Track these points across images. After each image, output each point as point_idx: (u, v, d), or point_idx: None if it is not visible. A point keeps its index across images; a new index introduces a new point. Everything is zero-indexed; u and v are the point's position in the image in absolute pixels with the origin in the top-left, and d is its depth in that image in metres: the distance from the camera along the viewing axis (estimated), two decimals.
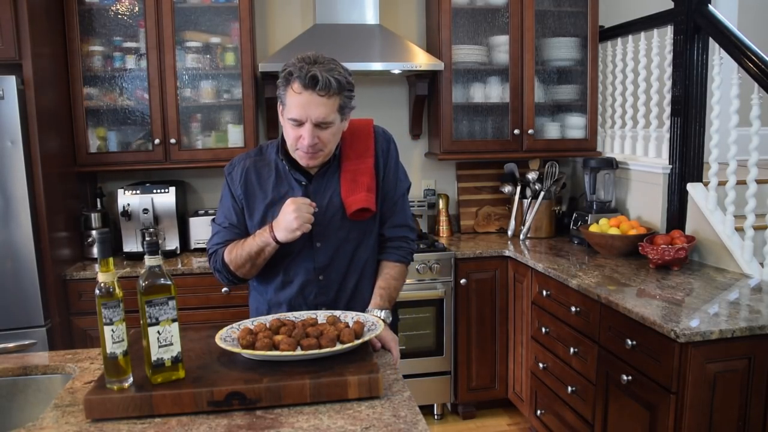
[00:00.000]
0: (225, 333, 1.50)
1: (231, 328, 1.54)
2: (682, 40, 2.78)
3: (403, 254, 1.81)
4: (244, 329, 1.49)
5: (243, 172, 1.72)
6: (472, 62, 3.44)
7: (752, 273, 2.48)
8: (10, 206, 2.59)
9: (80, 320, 2.89)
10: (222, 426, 1.25)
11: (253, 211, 1.72)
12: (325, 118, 1.54)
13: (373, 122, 1.79)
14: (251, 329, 1.49)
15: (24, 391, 1.62)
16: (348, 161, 1.70)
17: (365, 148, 1.71)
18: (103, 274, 1.30)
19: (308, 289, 1.73)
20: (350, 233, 1.72)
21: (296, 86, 1.52)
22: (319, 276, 1.73)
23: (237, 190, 1.72)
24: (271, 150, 1.75)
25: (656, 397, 2.02)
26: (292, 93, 1.54)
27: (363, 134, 1.74)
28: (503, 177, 3.64)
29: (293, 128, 1.57)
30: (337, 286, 1.75)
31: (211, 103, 3.25)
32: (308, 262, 1.71)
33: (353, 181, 1.68)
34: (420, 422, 1.26)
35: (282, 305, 1.76)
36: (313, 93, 1.51)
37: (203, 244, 3.22)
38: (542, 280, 2.83)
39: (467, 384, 3.27)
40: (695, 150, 2.81)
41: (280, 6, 3.52)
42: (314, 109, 1.52)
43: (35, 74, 2.63)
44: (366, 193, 1.66)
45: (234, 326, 1.55)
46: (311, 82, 1.50)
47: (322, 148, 1.59)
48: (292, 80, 1.53)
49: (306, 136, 1.55)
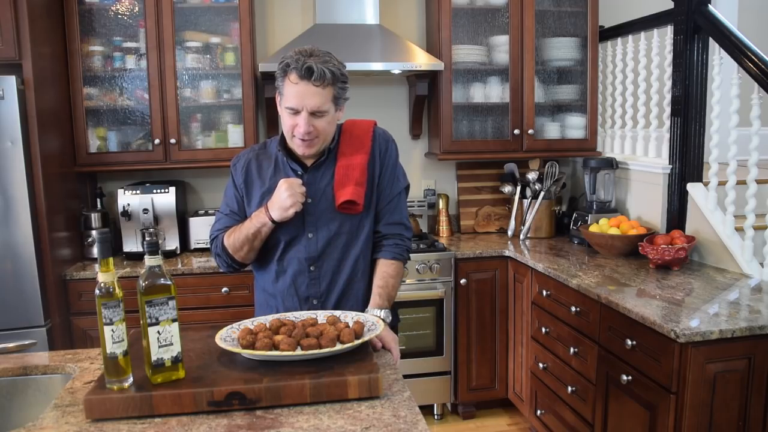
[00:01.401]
0: (225, 333, 1.50)
1: (231, 328, 1.54)
2: (682, 40, 2.78)
3: (399, 251, 1.82)
4: (244, 329, 1.49)
5: (246, 164, 1.82)
6: (472, 62, 3.44)
7: (752, 273, 2.48)
8: (10, 206, 2.59)
9: (80, 320, 2.89)
10: (222, 426, 1.25)
11: (251, 199, 1.80)
12: (320, 107, 1.63)
13: (376, 123, 1.85)
14: (251, 329, 1.50)
15: (24, 391, 1.62)
16: (343, 157, 1.77)
17: (361, 144, 1.78)
18: (103, 274, 1.30)
19: (300, 279, 1.77)
20: (342, 226, 1.76)
21: (293, 77, 1.62)
22: (310, 266, 1.77)
23: (238, 179, 1.81)
24: (273, 144, 1.84)
25: (656, 397, 2.02)
26: (289, 83, 1.63)
27: (362, 132, 1.80)
28: (503, 177, 3.64)
29: (290, 117, 1.66)
30: (329, 278, 1.78)
31: (211, 103, 3.25)
32: (301, 252, 1.76)
33: (345, 175, 1.74)
34: (420, 422, 1.26)
35: (276, 296, 1.80)
36: (309, 83, 1.61)
37: (203, 244, 3.23)
38: (542, 280, 2.83)
39: (467, 384, 3.27)
40: (695, 150, 2.81)
41: (280, 6, 3.52)
42: (309, 99, 1.62)
43: (35, 74, 2.64)
44: (354, 187, 1.72)
45: (234, 326, 1.55)
46: (307, 73, 1.60)
47: (317, 135, 1.67)
48: (289, 71, 1.62)
49: (302, 124, 1.64)
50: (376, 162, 1.79)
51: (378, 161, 1.79)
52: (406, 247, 1.85)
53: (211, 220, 3.16)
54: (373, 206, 1.80)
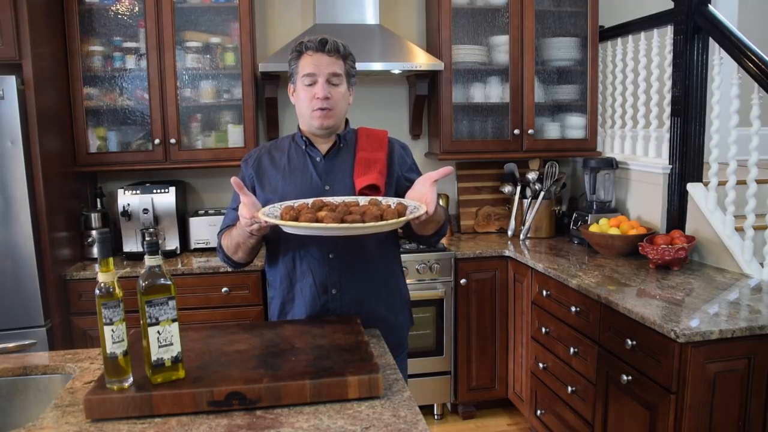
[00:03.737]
0: (268, 210, 1.53)
1: (273, 207, 1.58)
2: (682, 40, 2.78)
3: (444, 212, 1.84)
4: (285, 207, 1.52)
5: (257, 157, 1.88)
6: (472, 62, 3.44)
7: (752, 273, 2.48)
8: (10, 206, 2.59)
9: (80, 320, 2.89)
10: (222, 426, 1.25)
11: (264, 183, 1.82)
12: (336, 72, 1.74)
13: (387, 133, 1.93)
14: (293, 206, 1.52)
15: (24, 391, 1.62)
16: (362, 151, 1.83)
17: (379, 145, 1.85)
18: (103, 274, 1.30)
19: (318, 269, 1.78)
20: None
21: (309, 51, 1.74)
22: (329, 254, 1.78)
23: (249, 171, 1.85)
24: (285, 140, 1.90)
25: (656, 397, 2.02)
26: (305, 57, 1.75)
27: (378, 136, 1.88)
28: (503, 177, 3.64)
29: (307, 89, 1.75)
30: (348, 268, 1.79)
31: (211, 103, 3.25)
32: (319, 239, 1.77)
33: (366, 165, 1.80)
34: (420, 422, 1.26)
35: (294, 285, 1.82)
36: (323, 54, 1.73)
37: (203, 244, 3.23)
38: (542, 280, 2.83)
39: (467, 384, 3.27)
40: (695, 150, 2.81)
41: (280, 6, 3.52)
42: (326, 66, 1.73)
43: (35, 74, 2.64)
44: (377, 175, 1.77)
45: (276, 205, 1.59)
46: (321, 45, 1.73)
47: (333, 106, 1.75)
48: (304, 48, 1.75)
49: (320, 89, 1.72)
50: (394, 162, 1.85)
51: (397, 161, 1.85)
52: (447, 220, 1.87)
53: (211, 220, 3.22)
54: None
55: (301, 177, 1.80)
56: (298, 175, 1.80)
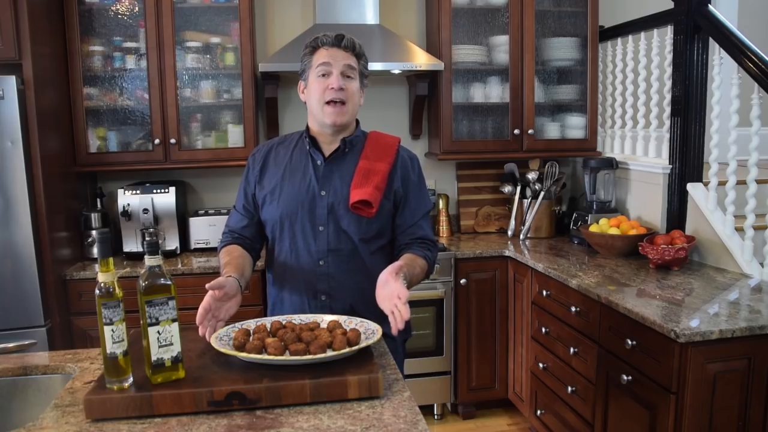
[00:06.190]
0: (224, 332, 1.51)
1: (232, 327, 1.55)
2: (682, 40, 2.78)
3: (428, 254, 1.79)
4: (240, 330, 1.50)
5: (266, 152, 1.87)
6: (472, 62, 3.44)
7: (752, 273, 2.48)
8: (10, 206, 2.59)
9: (80, 320, 2.89)
10: (222, 426, 1.25)
11: (264, 182, 1.82)
12: (351, 65, 1.73)
13: (400, 140, 1.89)
14: (250, 330, 1.50)
15: (24, 391, 1.62)
16: (366, 160, 1.78)
17: (386, 154, 1.80)
18: (103, 274, 1.29)
19: (309, 274, 1.77)
20: (350, 226, 1.75)
21: (324, 46, 1.73)
22: (320, 261, 1.76)
23: (255, 167, 1.85)
24: (295, 135, 1.88)
25: (656, 397, 2.02)
26: (320, 51, 1.73)
27: (387, 144, 1.83)
28: (503, 177, 3.64)
29: (320, 80, 1.72)
30: (338, 276, 1.77)
31: (211, 103, 3.25)
32: (311, 245, 1.76)
33: (365, 176, 1.75)
34: (420, 422, 1.26)
35: (285, 291, 1.82)
36: (339, 49, 1.73)
37: (203, 244, 3.23)
38: (542, 280, 2.83)
39: (467, 384, 3.27)
40: (695, 150, 2.81)
41: (280, 6, 3.52)
42: (341, 59, 1.72)
43: (35, 74, 2.64)
44: (372, 189, 1.72)
45: (236, 325, 1.56)
46: (337, 40, 1.72)
47: (347, 100, 1.72)
48: (320, 43, 1.74)
49: (334, 80, 1.70)
50: (397, 174, 1.80)
51: (399, 174, 1.81)
52: (433, 257, 1.82)
53: (211, 220, 3.23)
54: (386, 216, 1.78)
55: (299, 179, 1.78)
56: (296, 176, 1.79)
